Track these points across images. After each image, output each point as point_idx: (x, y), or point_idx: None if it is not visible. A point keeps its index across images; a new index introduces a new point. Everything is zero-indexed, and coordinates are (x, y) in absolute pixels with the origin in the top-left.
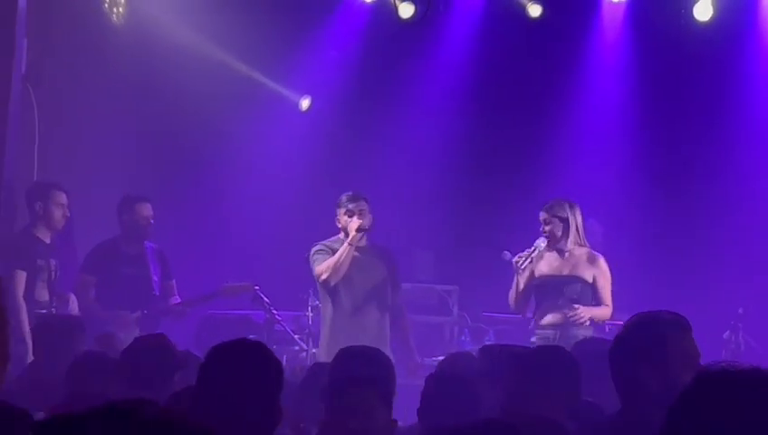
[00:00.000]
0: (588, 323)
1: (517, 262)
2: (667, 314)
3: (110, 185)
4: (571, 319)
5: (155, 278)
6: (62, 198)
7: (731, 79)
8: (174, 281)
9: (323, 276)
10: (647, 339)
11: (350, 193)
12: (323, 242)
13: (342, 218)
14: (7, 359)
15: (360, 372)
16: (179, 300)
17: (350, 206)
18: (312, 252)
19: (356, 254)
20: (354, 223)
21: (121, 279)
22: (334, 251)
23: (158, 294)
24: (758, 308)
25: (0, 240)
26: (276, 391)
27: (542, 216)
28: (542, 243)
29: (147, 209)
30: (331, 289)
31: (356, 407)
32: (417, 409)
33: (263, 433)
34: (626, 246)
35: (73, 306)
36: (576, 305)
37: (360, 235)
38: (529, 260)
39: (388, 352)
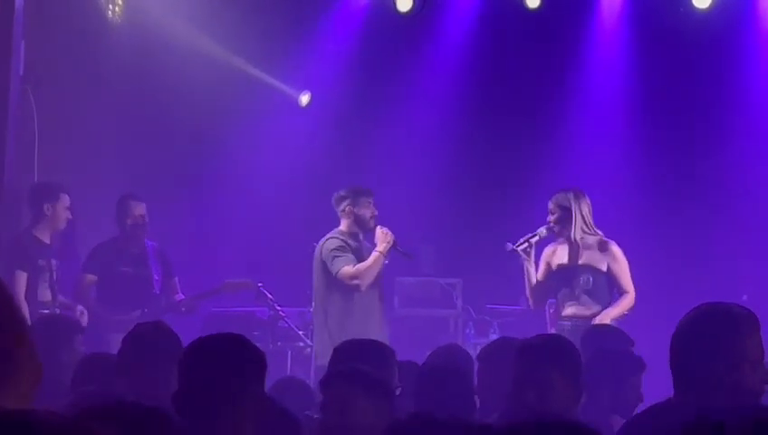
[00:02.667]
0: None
1: (520, 247)
2: (739, 307)
3: (110, 184)
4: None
5: (156, 277)
6: (68, 200)
7: (731, 66)
8: (176, 278)
9: (355, 281)
10: (720, 334)
11: (362, 186)
12: (337, 236)
13: (365, 210)
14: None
15: (348, 366)
16: (182, 297)
17: (371, 200)
18: (331, 248)
19: (361, 244)
20: (389, 235)
21: (122, 278)
22: (351, 247)
23: (158, 292)
24: (762, 295)
25: (0, 241)
26: (255, 381)
27: (549, 205)
28: (543, 231)
29: (140, 208)
30: (348, 287)
31: (340, 401)
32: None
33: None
34: (628, 235)
35: (83, 318)
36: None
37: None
38: (529, 245)
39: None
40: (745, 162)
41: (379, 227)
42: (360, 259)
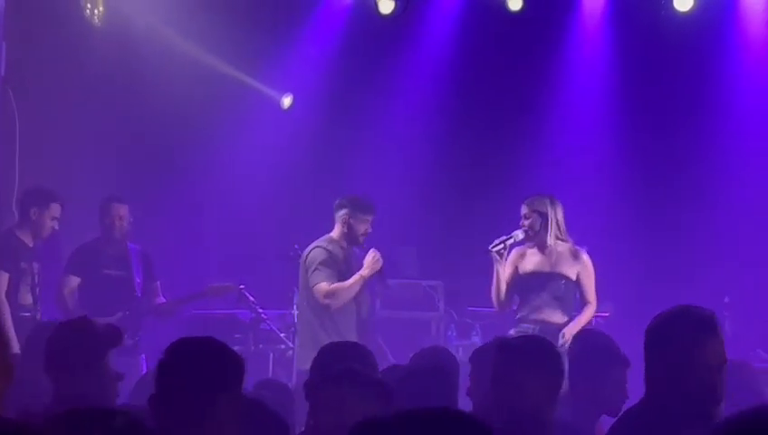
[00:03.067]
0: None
1: (494, 249)
2: (700, 311)
3: (92, 186)
4: (563, 347)
5: (137, 280)
6: (58, 211)
7: (712, 69)
8: (159, 282)
9: (327, 300)
10: (674, 337)
11: (369, 201)
12: (323, 246)
13: (360, 226)
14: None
15: (336, 369)
16: (164, 301)
17: (372, 218)
18: (315, 258)
19: (348, 253)
20: (378, 263)
21: (104, 280)
22: (338, 257)
23: (140, 295)
24: (744, 297)
25: None
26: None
27: (523, 210)
28: (519, 233)
29: (122, 210)
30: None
31: (328, 405)
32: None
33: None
34: (611, 237)
35: None
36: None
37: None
38: (504, 247)
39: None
40: (727, 165)
41: (372, 250)
42: (347, 267)
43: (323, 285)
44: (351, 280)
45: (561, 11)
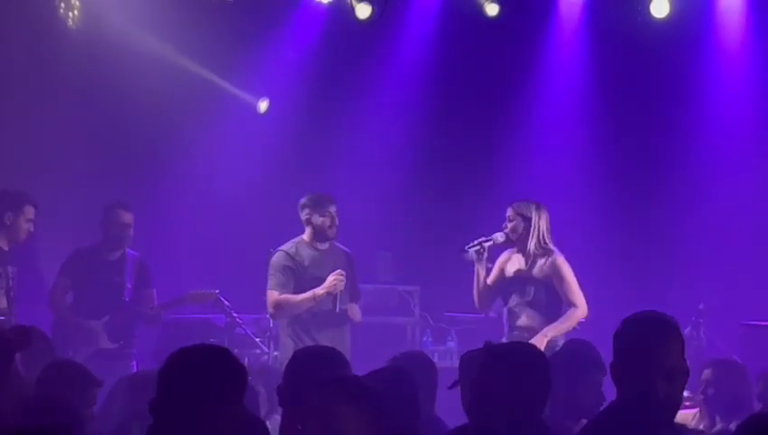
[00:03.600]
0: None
1: (471, 249)
2: (657, 315)
3: (65, 189)
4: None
5: (128, 286)
6: (32, 213)
7: (688, 75)
8: (154, 290)
9: (271, 310)
10: (632, 341)
11: (325, 194)
12: (287, 250)
13: (323, 219)
14: None
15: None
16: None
17: (333, 209)
18: (274, 263)
19: (324, 254)
20: (337, 288)
21: (94, 284)
22: (300, 264)
23: (127, 300)
24: (719, 304)
25: None
26: (237, 396)
27: (508, 212)
28: (499, 236)
29: (127, 217)
30: (300, 291)
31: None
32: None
33: None
34: (586, 243)
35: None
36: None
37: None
38: (481, 248)
39: (347, 352)
40: (705, 169)
41: (338, 271)
42: (320, 270)
43: (273, 294)
44: (302, 297)
45: (537, 17)
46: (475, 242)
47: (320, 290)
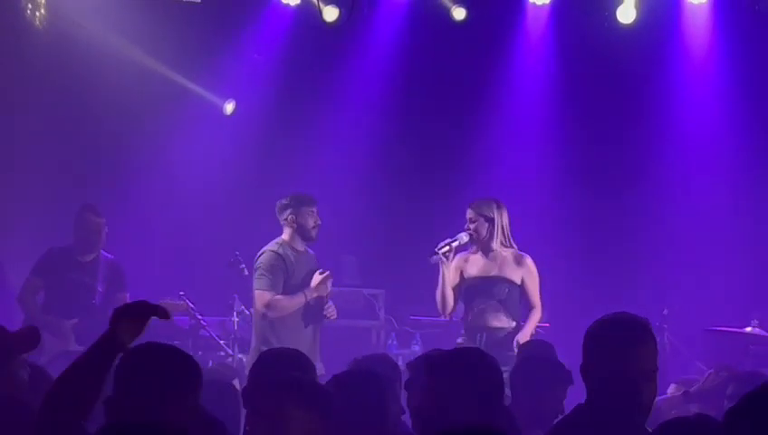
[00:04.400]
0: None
1: (441, 251)
2: (630, 316)
3: (31, 188)
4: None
5: (99, 288)
6: None
7: (654, 80)
8: (127, 294)
9: (263, 310)
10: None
11: (307, 194)
12: (274, 250)
13: (307, 219)
14: None
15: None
16: None
17: (316, 209)
18: (263, 263)
19: (300, 255)
20: (326, 290)
21: (66, 285)
22: (289, 262)
23: (97, 303)
24: (682, 309)
25: None
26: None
27: (469, 213)
28: (464, 236)
29: (95, 220)
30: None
31: (274, 411)
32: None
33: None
34: (550, 247)
35: None
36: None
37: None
38: (449, 249)
39: (318, 357)
40: (669, 175)
41: (324, 273)
42: (299, 272)
43: (265, 294)
44: (294, 299)
45: (504, 21)
46: (444, 244)
47: (311, 293)
